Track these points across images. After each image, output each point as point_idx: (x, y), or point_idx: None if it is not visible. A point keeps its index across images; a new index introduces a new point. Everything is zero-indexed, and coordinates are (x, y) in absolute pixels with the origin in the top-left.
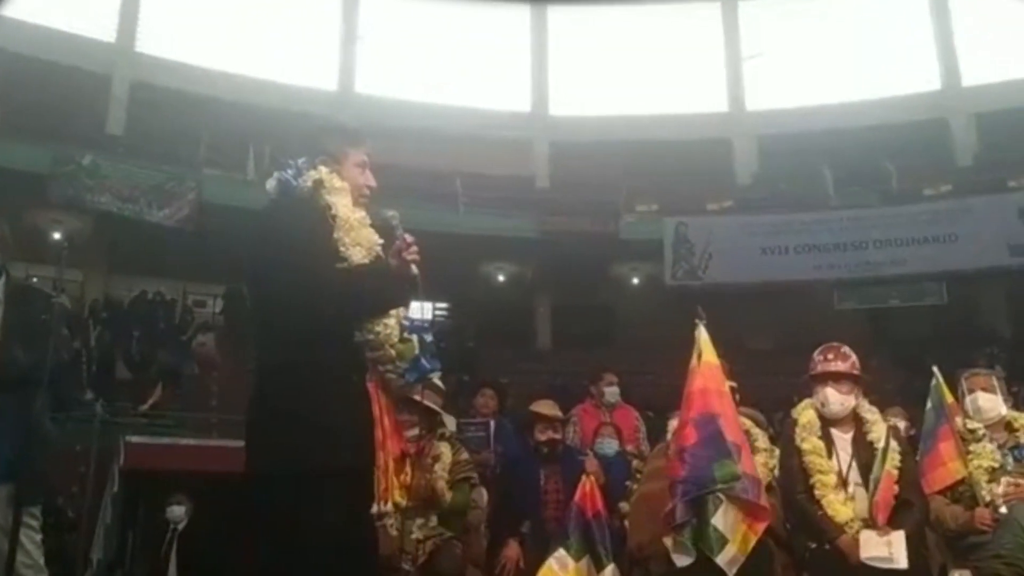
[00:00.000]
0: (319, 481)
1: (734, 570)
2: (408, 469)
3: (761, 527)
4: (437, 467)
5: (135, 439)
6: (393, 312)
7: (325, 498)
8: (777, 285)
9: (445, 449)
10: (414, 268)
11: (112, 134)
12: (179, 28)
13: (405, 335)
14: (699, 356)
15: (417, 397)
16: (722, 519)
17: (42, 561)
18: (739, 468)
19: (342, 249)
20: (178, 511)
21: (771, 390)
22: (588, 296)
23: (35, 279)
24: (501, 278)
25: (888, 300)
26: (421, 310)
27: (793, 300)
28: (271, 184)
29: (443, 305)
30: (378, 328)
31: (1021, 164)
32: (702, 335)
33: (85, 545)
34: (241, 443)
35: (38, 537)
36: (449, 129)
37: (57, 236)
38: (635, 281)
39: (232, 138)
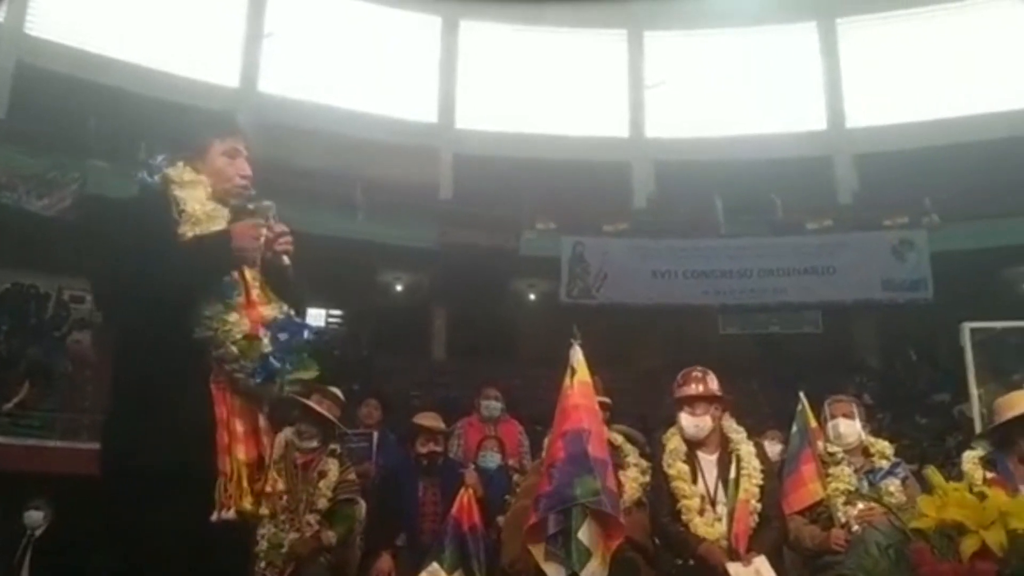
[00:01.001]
0: (148, 483)
1: None
2: (276, 476)
3: (614, 544)
4: (322, 484)
5: None
6: (235, 308)
7: (155, 500)
8: (667, 307)
9: (333, 466)
10: (285, 259)
11: None
12: (69, 10)
13: (255, 332)
14: (572, 374)
15: (314, 406)
16: (586, 533)
17: None
18: (599, 484)
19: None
20: (36, 516)
21: (658, 408)
22: (485, 309)
23: None
24: (399, 287)
25: (769, 327)
26: (315, 316)
27: (681, 322)
28: (133, 187)
29: (338, 312)
30: (215, 324)
31: (896, 205)
32: (577, 354)
33: None
34: None
35: None
36: (353, 134)
37: None
38: (532, 297)
39: (123, 129)
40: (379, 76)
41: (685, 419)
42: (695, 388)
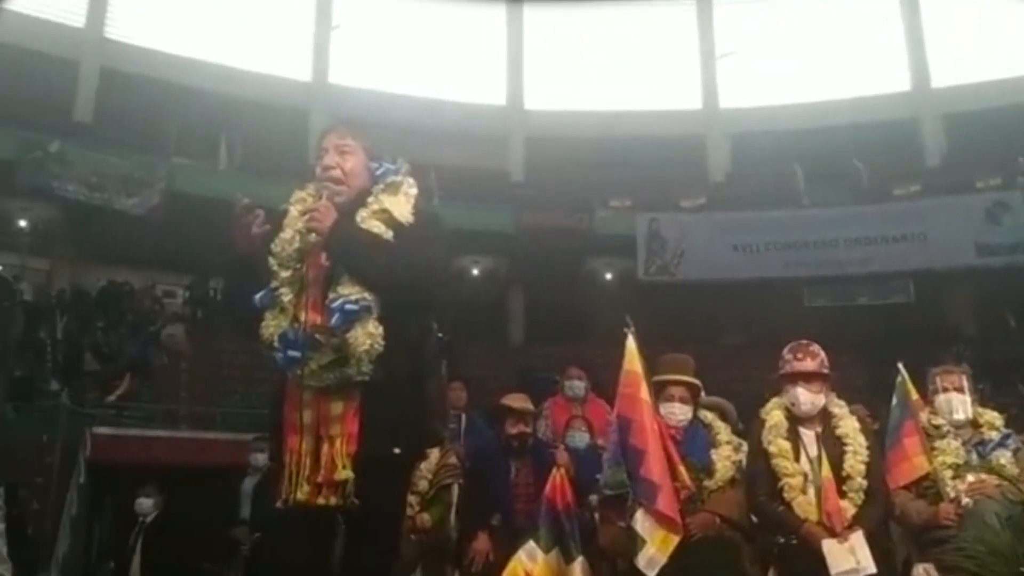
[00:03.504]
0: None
1: (653, 572)
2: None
3: (675, 532)
4: (423, 466)
5: (102, 430)
6: (278, 307)
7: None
8: (748, 282)
9: (434, 450)
10: (312, 236)
11: (80, 121)
12: (150, 14)
13: (310, 322)
14: (624, 364)
15: None
16: (640, 521)
17: (6, 551)
18: (625, 475)
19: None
20: (146, 503)
21: (743, 384)
22: (562, 291)
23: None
24: (475, 272)
25: (857, 298)
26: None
27: (764, 297)
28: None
29: None
30: (262, 325)
31: (989, 165)
32: (629, 344)
33: (50, 537)
34: (212, 435)
35: (1, 526)
36: (424, 122)
37: (23, 224)
38: (608, 276)
39: (203, 127)
40: (447, 63)
41: (803, 394)
42: (811, 364)
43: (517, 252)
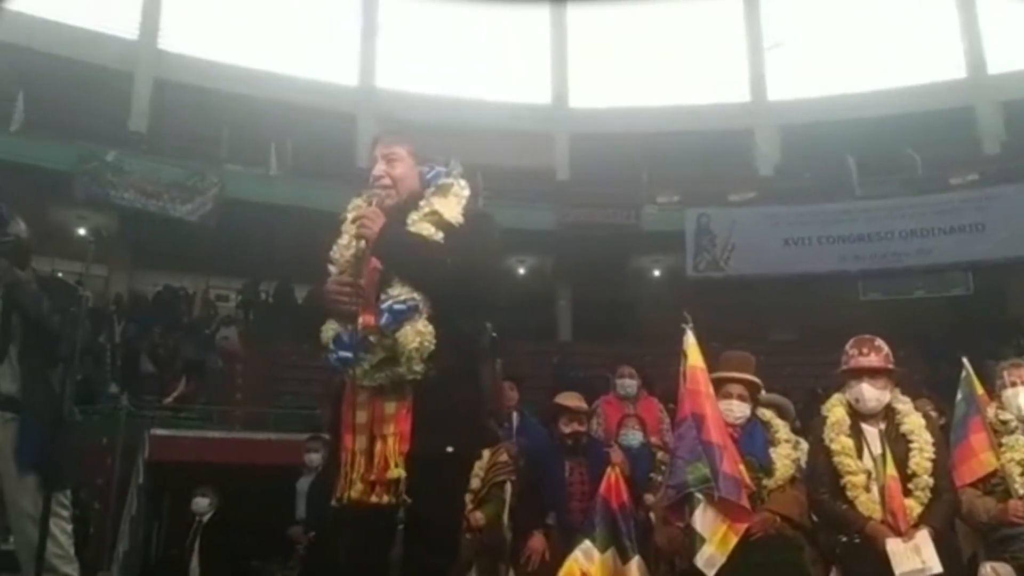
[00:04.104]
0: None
1: (712, 571)
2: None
3: (742, 527)
4: (475, 465)
5: (160, 432)
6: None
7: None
8: (801, 277)
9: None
10: (361, 243)
11: (135, 131)
12: (200, 25)
13: (365, 325)
14: (684, 360)
15: None
16: (699, 519)
17: (72, 551)
18: (708, 470)
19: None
20: (203, 503)
21: (796, 381)
22: (609, 288)
23: (60, 274)
24: (521, 271)
25: (914, 291)
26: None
27: (817, 292)
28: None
29: None
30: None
31: None
32: (689, 339)
33: (111, 536)
34: (266, 436)
35: (68, 527)
36: (469, 122)
37: (82, 232)
38: (656, 273)
39: (254, 134)
40: (491, 63)
41: (868, 390)
42: (876, 359)
43: (563, 250)
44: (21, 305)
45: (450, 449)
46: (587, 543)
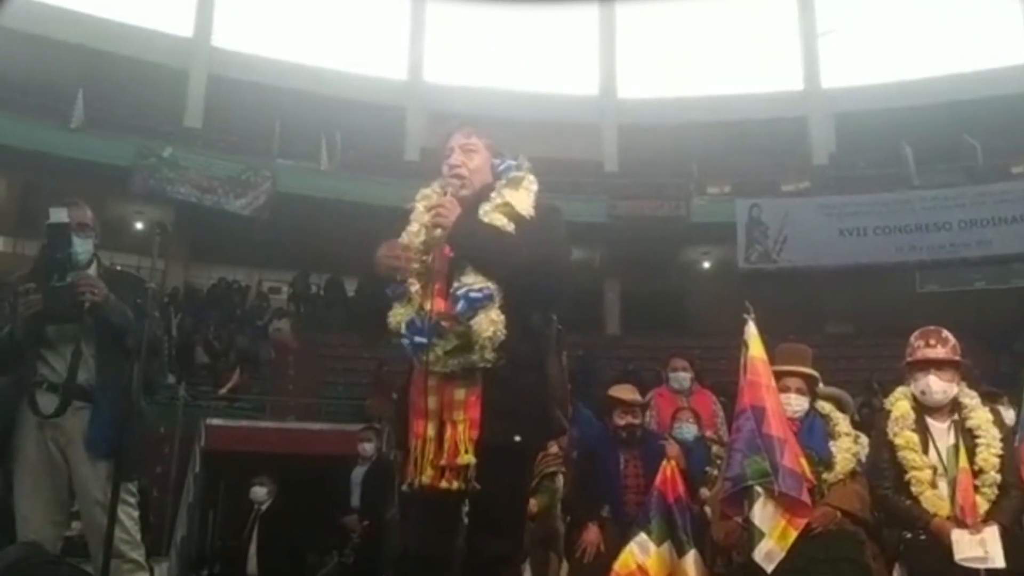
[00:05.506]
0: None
1: (771, 566)
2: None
3: (802, 522)
4: None
5: (215, 421)
6: (405, 299)
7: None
8: (856, 268)
9: None
10: (437, 231)
11: (190, 127)
12: (253, 22)
13: (437, 310)
14: (745, 351)
15: None
16: (758, 513)
17: (139, 537)
18: (768, 464)
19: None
20: (261, 492)
21: (851, 375)
22: (658, 281)
23: (119, 267)
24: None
25: (973, 282)
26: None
27: (873, 283)
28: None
29: None
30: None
31: None
32: (751, 330)
33: (169, 523)
34: (319, 426)
35: (135, 513)
36: (517, 115)
37: (139, 226)
38: (706, 265)
39: (304, 129)
40: (538, 55)
41: (935, 383)
42: (943, 351)
43: (612, 242)
44: (107, 320)
45: (518, 438)
46: (643, 536)
